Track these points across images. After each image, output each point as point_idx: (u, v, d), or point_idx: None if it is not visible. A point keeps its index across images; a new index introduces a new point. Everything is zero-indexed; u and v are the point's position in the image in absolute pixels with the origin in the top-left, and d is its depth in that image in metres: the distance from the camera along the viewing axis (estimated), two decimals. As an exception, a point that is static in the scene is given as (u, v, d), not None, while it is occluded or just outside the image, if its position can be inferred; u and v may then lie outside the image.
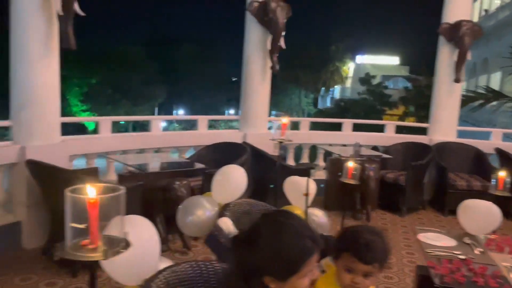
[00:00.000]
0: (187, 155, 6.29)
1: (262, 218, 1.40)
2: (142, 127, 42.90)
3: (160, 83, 51.46)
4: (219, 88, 61.99)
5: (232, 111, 68.52)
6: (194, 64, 60.00)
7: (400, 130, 8.08)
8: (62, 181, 3.96)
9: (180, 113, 65.88)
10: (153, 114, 53.76)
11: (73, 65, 53.70)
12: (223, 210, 2.85)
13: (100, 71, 51.85)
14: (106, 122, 5.47)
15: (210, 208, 2.78)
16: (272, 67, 6.44)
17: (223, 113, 67.77)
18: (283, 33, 6.36)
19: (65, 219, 1.47)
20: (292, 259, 1.28)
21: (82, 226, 1.41)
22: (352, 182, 4.04)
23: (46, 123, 4.58)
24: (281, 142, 4.63)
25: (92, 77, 53.29)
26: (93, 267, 1.61)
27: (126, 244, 1.51)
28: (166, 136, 6.13)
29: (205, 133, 6.54)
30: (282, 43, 6.38)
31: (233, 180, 2.86)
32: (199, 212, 2.75)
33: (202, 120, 6.60)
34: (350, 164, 4.01)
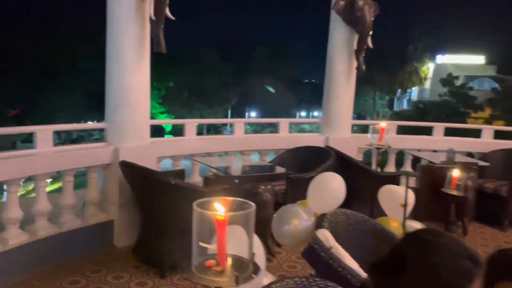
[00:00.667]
0: (268, 158, 6.19)
1: (404, 239, 1.18)
2: (216, 130, 44.02)
3: (233, 86, 52.58)
4: (291, 90, 61.96)
5: (303, 113, 68.05)
6: (266, 66, 60.57)
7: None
8: (152, 183, 4.03)
9: (252, 115, 66.75)
10: (226, 116, 55.08)
11: (152, 68, 56.84)
12: (320, 221, 2.67)
13: (177, 74, 54.27)
14: (191, 125, 5.54)
15: (307, 218, 2.62)
16: (358, 68, 6.14)
17: (294, 115, 67.54)
18: (371, 32, 6.04)
19: (192, 237, 1.36)
20: (448, 285, 1.05)
21: (211, 246, 1.29)
22: (456, 193, 3.65)
23: (138, 125, 4.71)
24: (379, 148, 4.32)
25: (169, 80, 55.94)
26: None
27: (256, 269, 1.37)
28: (248, 139, 6.07)
29: (286, 136, 6.40)
30: (369, 42, 6.06)
31: (331, 189, 2.67)
32: (295, 221, 2.59)
33: (284, 123, 6.47)
34: (455, 173, 3.62)
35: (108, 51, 4.60)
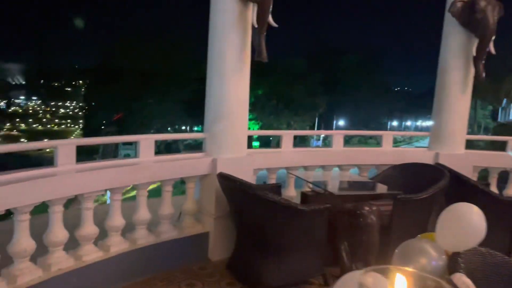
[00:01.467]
0: (369, 174, 5.72)
1: None
2: (302, 140, 43.53)
3: (321, 94, 51.93)
4: (381, 98, 59.52)
5: (395, 123, 64.86)
6: (355, 74, 58.97)
7: None
8: (251, 198, 3.84)
9: (340, 124, 65.28)
10: (314, 124, 54.51)
11: (242, 77, 58.51)
12: (454, 262, 2.22)
13: (266, 82, 55.14)
14: (288, 136, 5.30)
15: (436, 257, 2.20)
16: (478, 76, 5.42)
17: (385, 125, 64.63)
18: (493, 37, 5.30)
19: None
20: None
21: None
22: None
23: (236, 136, 4.59)
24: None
25: (258, 88, 57.06)
26: None
27: None
28: (348, 152, 5.66)
29: (389, 151, 5.87)
30: (491, 48, 5.33)
31: (468, 224, 2.22)
32: (423, 260, 2.19)
33: (387, 136, 5.95)
34: None
35: (209, 60, 4.54)
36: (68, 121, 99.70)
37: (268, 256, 3.90)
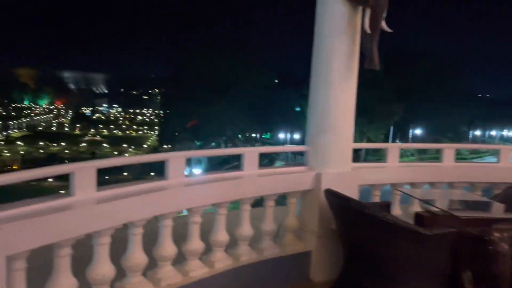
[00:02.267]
0: (484, 194, 5.13)
1: None
2: (375, 152, 41.55)
3: (397, 101, 49.81)
4: (460, 105, 55.80)
5: (477, 132, 60.40)
6: (432, 80, 55.90)
7: None
8: (364, 218, 3.53)
9: (417, 133, 62.15)
10: (388, 133, 52.34)
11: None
12: None
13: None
14: (394, 150, 4.89)
15: None
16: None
17: (465, 135, 60.48)
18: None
19: None
20: None
21: None
22: None
23: (341, 149, 4.30)
24: None
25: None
26: None
27: None
28: (461, 168, 5.12)
29: (509, 167, 5.22)
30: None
31: None
32: None
33: (506, 151, 5.30)
34: None
35: (314, 69, 4.31)
36: (145, 127, 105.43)
37: (380, 283, 3.56)
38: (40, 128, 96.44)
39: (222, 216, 3.84)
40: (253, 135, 69.56)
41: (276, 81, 61.57)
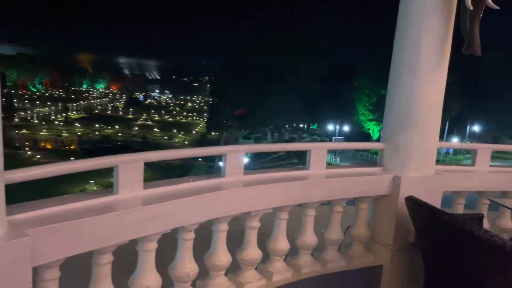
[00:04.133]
0: None
1: None
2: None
3: (455, 95, 46.95)
4: (527, 102, 51.82)
5: (546, 132, 55.77)
6: (498, 75, 52.18)
7: None
8: (459, 235, 2.88)
9: (475, 129, 58.60)
10: (443, 129, 49.57)
11: (366, 75, 55.98)
12: None
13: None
14: (485, 151, 4.14)
15: None
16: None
17: (532, 134, 56.26)
18: None
19: None
20: None
21: None
22: None
23: (425, 149, 3.64)
24: None
25: (382, 87, 54.02)
26: None
27: None
28: None
29: None
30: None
31: None
32: None
33: None
34: None
35: (396, 54, 3.65)
36: (194, 114, 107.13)
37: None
38: (96, 111, 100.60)
39: (283, 221, 3.33)
40: (300, 125, 68.49)
41: (328, 71, 60.05)
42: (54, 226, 2.00)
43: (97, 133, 79.76)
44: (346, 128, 61.46)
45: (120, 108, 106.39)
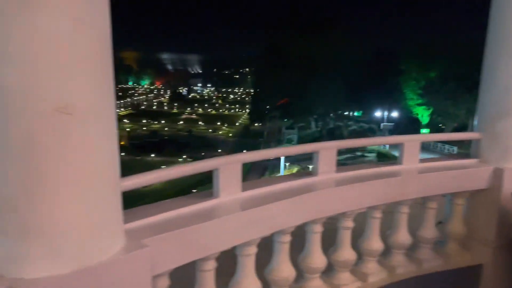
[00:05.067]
0: None
1: None
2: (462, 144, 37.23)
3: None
4: None
5: None
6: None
7: None
8: None
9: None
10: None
11: (413, 58, 53.81)
12: None
13: (440, 63, 49.52)
14: None
15: None
16: None
17: None
18: None
19: None
20: None
21: None
22: None
23: (530, 138, 3.31)
24: None
25: (431, 71, 51.69)
26: None
27: None
28: None
29: None
30: None
31: None
32: None
33: None
34: None
35: (493, 35, 3.32)
36: (237, 106, 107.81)
37: None
38: (143, 107, 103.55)
39: (377, 220, 3.14)
40: (345, 113, 67.07)
41: (372, 56, 58.32)
42: (167, 234, 1.93)
43: (144, 128, 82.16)
44: (393, 114, 59.61)
45: (165, 103, 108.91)
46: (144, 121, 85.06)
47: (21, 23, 1.37)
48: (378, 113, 60.96)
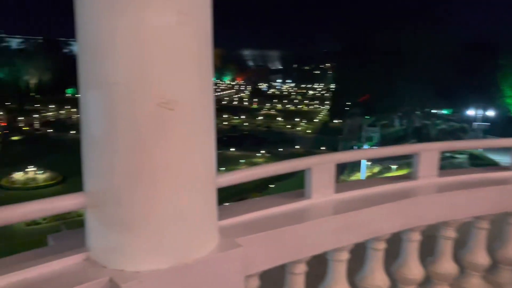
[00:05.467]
0: None
1: None
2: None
3: None
4: None
5: None
6: None
7: None
8: None
9: None
10: None
11: (512, 52, 48.99)
12: None
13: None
14: None
15: None
16: None
17: None
18: None
19: None
20: None
21: None
22: None
23: None
24: None
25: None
26: None
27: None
28: None
29: None
30: None
31: None
32: None
33: None
34: None
35: None
36: (316, 102, 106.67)
37: None
38: (224, 102, 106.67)
39: (483, 231, 2.82)
40: (433, 110, 63.15)
41: (465, 49, 54.13)
42: (260, 235, 1.88)
43: (225, 123, 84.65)
44: (488, 113, 54.86)
45: (245, 99, 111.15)
46: (225, 116, 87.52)
47: (129, 16, 1.39)
48: (470, 112, 56.43)
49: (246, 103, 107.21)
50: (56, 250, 1.62)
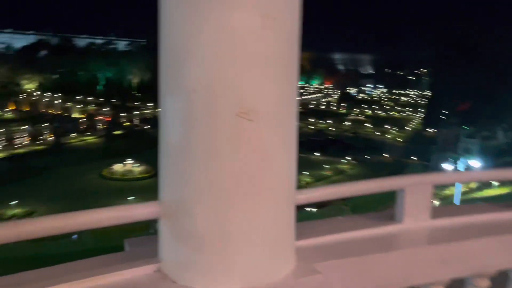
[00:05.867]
0: None
1: None
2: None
3: None
4: None
5: None
6: None
7: None
8: None
9: None
10: None
11: None
12: None
13: None
14: None
15: None
16: None
17: None
18: None
19: None
20: None
21: None
22: None
23: None
24: None
25: None
26: None
27: None
28: None
29: None
30: None
31: None
32: None
33: None
34: None
35: None
36: (408, 109, 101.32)
37: None
38: (311, 106, 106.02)
39: None
40: (546, 123, 56.27)
41: None
42: (342, 261, 1.69)
43: (310, 127, 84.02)
44: None
45: (333, 103, 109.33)
46: (311, 120, 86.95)
47: (213, 20, 1.30)
48: None
49: (334, 108, 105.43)
50: (129, 257, 1.60)
